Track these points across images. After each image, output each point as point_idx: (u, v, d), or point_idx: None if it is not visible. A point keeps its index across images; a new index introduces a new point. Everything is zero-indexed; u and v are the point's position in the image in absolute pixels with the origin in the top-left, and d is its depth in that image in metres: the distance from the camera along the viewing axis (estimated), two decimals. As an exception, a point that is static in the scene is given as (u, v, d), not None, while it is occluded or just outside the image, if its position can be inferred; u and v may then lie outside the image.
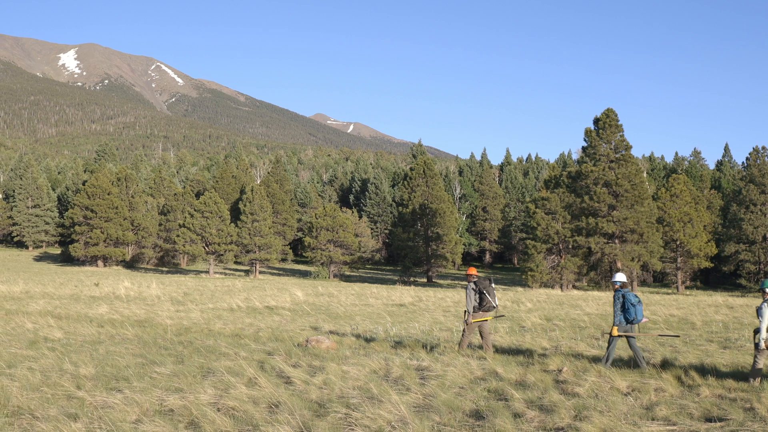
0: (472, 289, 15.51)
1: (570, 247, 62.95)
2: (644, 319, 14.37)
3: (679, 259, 70.06)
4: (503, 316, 17.63)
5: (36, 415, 9.33)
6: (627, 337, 13.92)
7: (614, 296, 14.09)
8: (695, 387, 11.21)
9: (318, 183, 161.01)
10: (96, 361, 13.60)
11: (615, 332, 13.84)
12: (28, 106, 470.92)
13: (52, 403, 10.08)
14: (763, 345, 11.89)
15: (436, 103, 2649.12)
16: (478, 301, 15.45)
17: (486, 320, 15.62)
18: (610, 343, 14.01)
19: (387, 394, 10.23)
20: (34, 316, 24.22)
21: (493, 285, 15.63)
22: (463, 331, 16.00)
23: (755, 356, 12.05)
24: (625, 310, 13.85)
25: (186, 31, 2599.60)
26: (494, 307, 15.48)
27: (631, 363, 13.49)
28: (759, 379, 11.82)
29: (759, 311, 12.10)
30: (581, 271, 63.71)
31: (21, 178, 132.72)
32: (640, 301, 13.89)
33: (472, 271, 15.96)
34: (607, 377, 11.75)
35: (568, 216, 62.63)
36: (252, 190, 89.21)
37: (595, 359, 14.23)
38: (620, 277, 14.37)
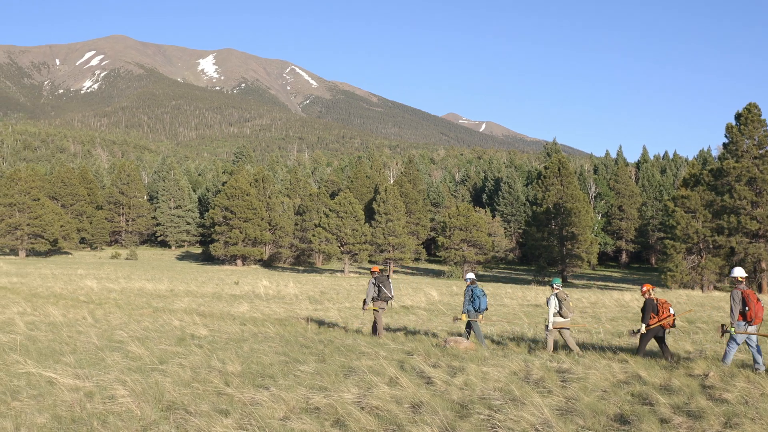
0: (372, 283, 18.89)
1: (710, 246, 60.86)
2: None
3: (828, 260, 66.79)
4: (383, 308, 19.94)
5: (189, 410, 9.71)
6: (472, 321, 17.59)
7: (465, 290, 17.81)
8: None
9: (450, 182, 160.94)
10: (241, 359, 14.00)
11: (464, 318, 17.52)
12: (169, 111, 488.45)
13: (203, 398, 10.47)
14: (551, 327, 16.27)
15: (570, 101, 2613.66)
16: (376, 292, 18.85)
17: (383, 305, 19.08)
18: (467, 327, 17.79)
19: (529, 396, 10.18)
20: (179, 313, 25.06)
21: (390, 281, 19.22)
22: (374, 320, 19.38)
23: (546, 336, 16.56)
24: (473, 302, 17.50)
25: (319, 34, 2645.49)
26: (390, 298, 19.03)
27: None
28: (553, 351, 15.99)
29: (547, 302, 16.39)
30: (723, 272, 61.35)
31: (164, 180, 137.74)
32: (484, 294, 17.73)
33: (375, 269, 19.49)
34: (757, 383, 11.33)
35: (708, 215, 60.56)
36: (386, 190, 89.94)
37: (744, 365, 13.77)
38: (470, 275, 18.15)
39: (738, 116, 60.79)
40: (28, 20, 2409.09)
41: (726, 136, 61.61)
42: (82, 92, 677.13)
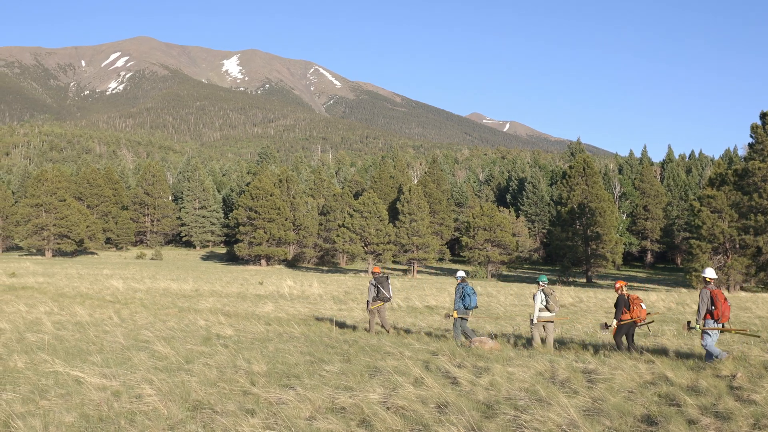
0: (372, 284, 19.93)
1: (737, 246, 60.35)
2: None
3: None
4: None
5: (216, 409, 9.75)
6: (462, 318, 18.31)
7: (456, 288, 18.45)
8: None
9: (474, 182, 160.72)
10: (267, 359, 14.04)
11: (455, 315, 18.20)
12: (194, 112, 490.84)
13: (229, 398, 10.50)
14: (535, 320, 17.04)
15: (594, 101, 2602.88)
16: (375, 293, 19.85)
17: (382, 305, 20.04)
18: (454, 324, 18.34)
19: (555, 397, 10.13)
20: (204, 313, 25.15)
21: (389, 281, 20.17)
22: (369, 319, 20.38)
23: (531, 330, 17.30)
24: (463, 299, 18.17)
25: (343, 35, 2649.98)
26: (388, 298, 19.99)
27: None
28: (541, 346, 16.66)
29: (533, 297, 17.20)
30: (749, 272, 60.81)
31: (189, 181, 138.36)
32: (474, 292, 18.43)
33: (376, 269, 20.79)
34: (785, 384, 11.23)
35: (735, 214, 60.06)
36: (409, 190, 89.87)
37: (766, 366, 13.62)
38: (461, 273, 18.86)
39: (763, 116, 60.24)
40: (54, 22, 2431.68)
41: (751, 136, 61.13)
42: (107, 93, 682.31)
